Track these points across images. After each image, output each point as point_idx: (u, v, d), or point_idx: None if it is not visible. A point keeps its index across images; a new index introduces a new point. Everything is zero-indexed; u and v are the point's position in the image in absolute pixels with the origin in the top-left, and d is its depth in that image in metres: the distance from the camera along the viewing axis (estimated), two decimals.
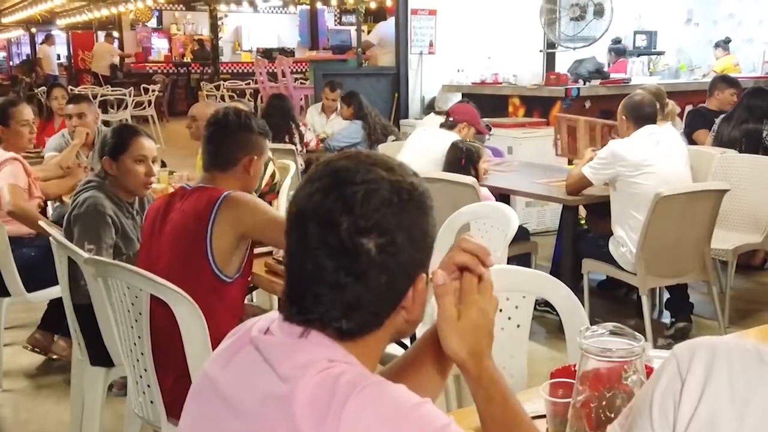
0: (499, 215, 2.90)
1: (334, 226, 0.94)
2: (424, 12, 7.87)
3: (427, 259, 1.02)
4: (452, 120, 4.55)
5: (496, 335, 2.00)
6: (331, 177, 0.97)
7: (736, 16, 9.75)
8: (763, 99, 4.93)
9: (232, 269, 2.20)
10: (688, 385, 0.77)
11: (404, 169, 1.02)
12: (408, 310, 1.01)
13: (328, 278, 0.95)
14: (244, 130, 2.32)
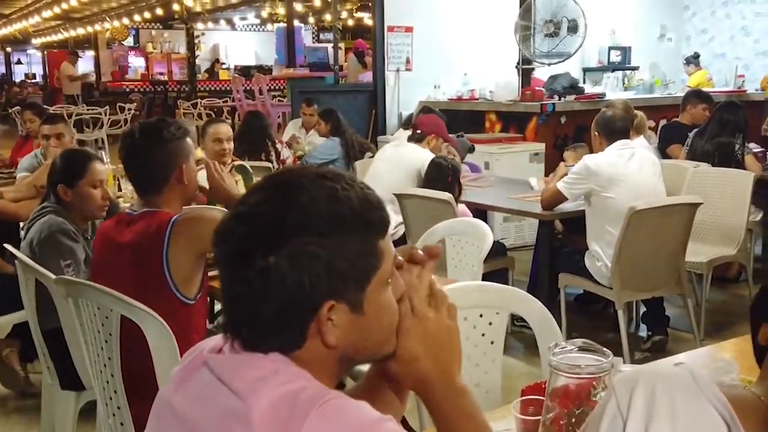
0: (474, 231, 2.90)
1: (231, 241, 0.95)
2: (400, 29, 7.91)
3: (343, 287, 0.95)
4: (420, 132, 4.55)
5: (471, 352, 2.00)
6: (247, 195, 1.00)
7: (708, 31, 9.89)
8: (735, 113, 5.00)
9: (194, 290, 2.16)
10: (630, 424, 0.76)
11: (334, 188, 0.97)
12: (325, 336, 0.95)
13: (232, 291, 0.95)
14: (158, 143, 2.18)
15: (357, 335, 0.98)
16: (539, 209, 3.92)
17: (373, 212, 0.99)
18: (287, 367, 0.94)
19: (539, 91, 6.65)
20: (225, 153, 3.89)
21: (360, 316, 0.97)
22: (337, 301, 0.95)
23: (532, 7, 6.29)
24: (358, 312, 0.97)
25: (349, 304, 0.96)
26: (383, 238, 1.00)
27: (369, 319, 0.98)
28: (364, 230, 0.97)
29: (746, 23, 9.51)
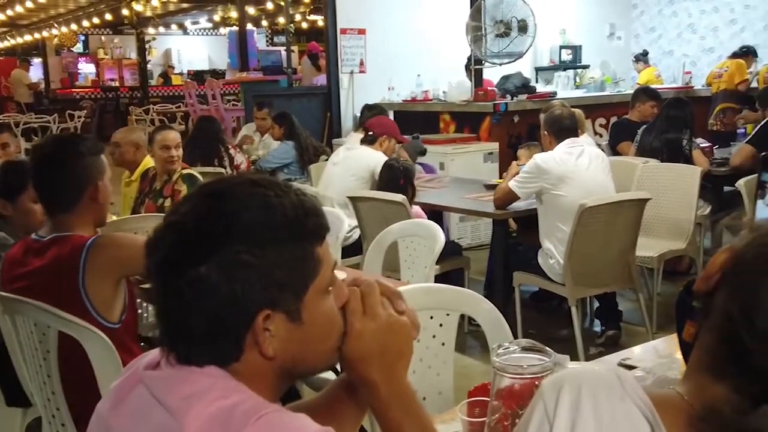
0: (426, 232, 2.90)
1: (160, 252, 0.93)
2: (353, 31, 7.90)
3: (279, 296, 0.93)
4: (372, 134, 4.55)
5: (423, 354, 2.00)
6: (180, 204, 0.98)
7: (656, 29, 10.09)
8: (682, 109, 5.09)
9: (117, 313, 2.05)
10: (557, 426, 0.76)
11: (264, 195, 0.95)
12: (262, 347, 0.93)
13: (164, 303, 0.94)
14: (73, 158, 2.05)
15: (297, 345, 0.96)
16: (493, 209, 3.94)
17: (309, 219, 0.97)
18: (223, 381, 0.92)
19: (492, 91, 6.69)
20: (173, 160, 3.82)
21: (298, 326, 0.95)
22: (273, 311, 0.93)
23: (482, 8, 6.32)
24: (297, 321, 0.95)
25: (286, 313, 0.94)
26: (321, 245, 0.99)
27: (308, 329, 0.97)
28: (299, 237, 0.95)
29: (692, 21, 9.73)
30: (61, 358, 1.96)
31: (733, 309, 0.71)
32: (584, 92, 7.95)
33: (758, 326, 0.68)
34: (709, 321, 0.75)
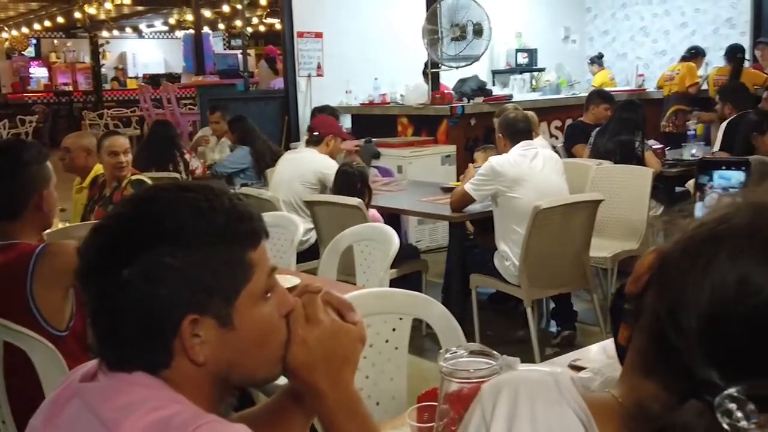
0: (380, 236, 2.89)
1: (87, 255, 0.93)
2: (310, 35, 7.87)
3: (207, 301, 0.92)
4: (318, 134, 4.53)
5: (376, 359, 1.99)
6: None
7: (609, 32, 10.25)
8: (635, 111, 5.17)
9: (65, 320, 2.01)
10: (493, 430, 0.76)
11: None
12: (190, 353, 0.92)
13: (92, 307, 0.93)
14: (19, 166, 2.02)
15: (230, 352, 0.95)
16: (449, 211, 3.96)
17: (243, 224, 0.96)
18: (159, 391, 0.90)
19: (449, 95, 6.73)
20: (122, 166, 3.75)
21: (230, 331, 0.94)
22: (201, 315, 0.92)
23: (438, 12, 6.35)
24: (228, 327, 0.94)
25: (216, 319, 0.93)
26: (255, 250, 0.97)
27: (242, 334, 0.95)
28: (230, 242, 0.94)
29: (645, 24, 9.90)
30: (6, 369, 1.91)
31: (660, 308, 0.72)
32: (540, 95, 8.04)
33: (683, 324, 0.69)
34: (640, 322, 0.76)
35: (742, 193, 0.76)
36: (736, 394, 0.65)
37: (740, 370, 0.67)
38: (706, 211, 0.76)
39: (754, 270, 0.68)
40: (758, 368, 0.67)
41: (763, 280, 0.68)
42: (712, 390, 0.66)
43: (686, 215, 0.80)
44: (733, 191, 1.45)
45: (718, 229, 0.72)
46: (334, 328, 1.03)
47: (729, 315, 0.68)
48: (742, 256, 0.69)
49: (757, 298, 0.67)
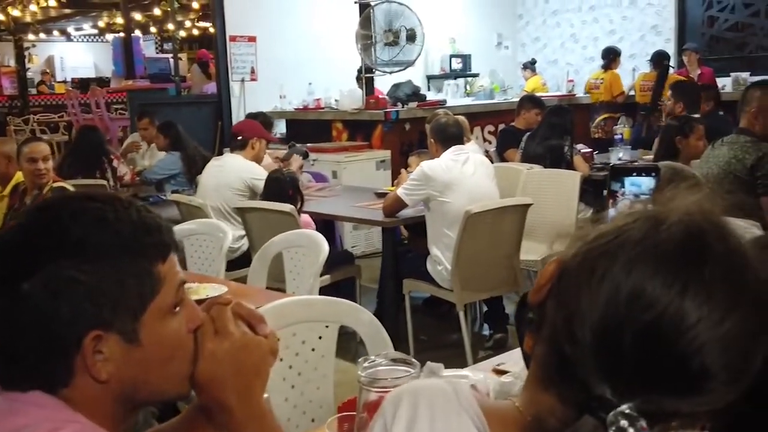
0: (310, 243, 2.86)
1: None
2: (243, 39, 7.79)
3: (112, 316, 0.89)
4: (241, 139, 4.48)
5: (302, 368, 1.96)
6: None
7: (541, 39, 10.45)
8: (563, 117, 5.27)
9: None
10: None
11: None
12: (92, 370, 0.88)
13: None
14: None
15: (136, 369, 0.92)
16: (382, 217, 3.95)
17: (151, 236, 0.93)
18: (56, 411, 0.86)
19: (383, 100, 6.74)
20: (41, 174, 3.63)
21: (136, 348, 0.91)
22: (104, 331, 0.88)
23: (371, 17, 6.36)
24: (134, 343, 0.91)
25: (120, 334, 0.90)
26: (163, 263, 0.94)
27: (148, 351, 0.92)
28: (137, 255, 0.91)
29: (575, 31, 10.13)
30: None
31: (558, 320, 0.72)
32: (473, 100, 8.13)
33: (578, 337, 0.69)
34: (542, 333, 0.75)
35: (644, 203, 0.76)
36: (628, 411, 0.65)
37: (633, 385, 0.66)
38: (608, 221, 0.76)
39: (647, 283, 0.67)
40: (651, 383, 0.67)
41: (655, 293, 0.67)
42: (606, 406, 0.66)
43: (601, 223, 0.80)
44: (644, 197, 1.48)
45: (615, 242, 0.71)
46: (244, 341, 1.00)
47: (622, 329, 0.67)
48: (636, 268, 0.68)
49: (650, 312, 0.66)
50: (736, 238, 0.71)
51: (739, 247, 0.70)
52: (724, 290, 0.67)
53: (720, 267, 0.68)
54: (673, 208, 0.72)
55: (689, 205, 0.72)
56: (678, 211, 0.71)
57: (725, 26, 9.01)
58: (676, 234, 0.69)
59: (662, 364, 0.66)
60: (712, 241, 0.69)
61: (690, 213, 0.71)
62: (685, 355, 0.66)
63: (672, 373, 0.66)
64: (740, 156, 3.29)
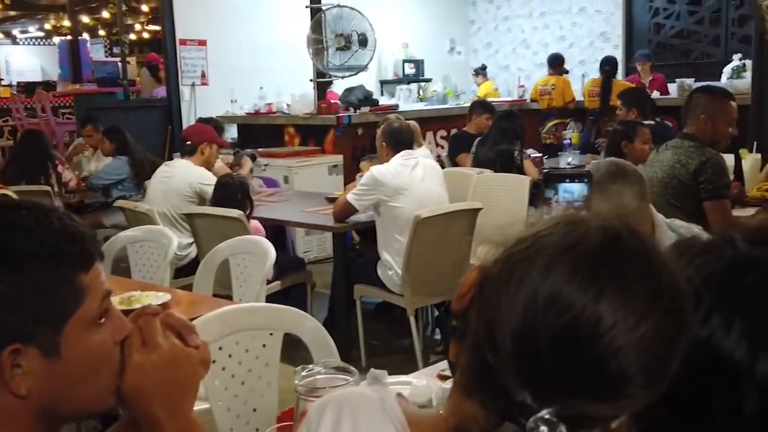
0: (256, 249, 2.83)
1: None
2: (193, 42, 7.69)
3: (30, 329, 0.85)
4: (191, 143, 4.41)
5: (246, 377, 1.93)
6: None
7: (492, 45, 10.54)
8: (513, 122, 5.33)
9: None
10: None
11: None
12: (10, 385, 0.85)
13: None
14: None
15: (57, 383, 0.88)
16: (333, 222, 3.93)
17: (74, 245, 0.90)
18: None
19: (335, 104, 6.72)
20: None
21: (57, 361, 0.87)
22: (24, 345, 0.84)
23: (323, 21, 6.34)
24: (54, 356, 0.87)
25: (40, 348, 0.86)
26: (86, 273, 0.91)
27: (71, 364, 0.89)
28: (59, 264, 0.88)
29: (525, 37, 10.24)
30: None
31: (479, 327, 0.71)
32: (425, 105, 8.16)
33: (499, 344, 0.68)
34: (466, 340, 0.75)
35: (570, 209, 0.76)
36: (547, 417, 0.64)
37: (553, 390, 0.66)
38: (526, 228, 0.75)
39: (564, 287, 0.67)
40: (570, 388, 0.66)
41: (572, 297, 0.66)
42: (526, 412, 0.65)
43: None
44: (577, 204, 1.48)
45: (534, 247, 0.71)
46: (173, 353, 0.97)
47: (540, 334, 0.67)
48: (554, 273, 0.68)
49: (566, 316, 0.66)
50: (652, 242, 0.71)
51: (655, 252, 0.70)
52: (640, 294, 0.67)
53: (636, 271, 0.68)
54: (593, 213, 0.72)
55: (608, 211, 0.72)
56: (597, 217, 0.71)
57: (671, 33, 9.21)
58: (593, 238, 0.69)
59: (580, 369, 0.66)
60: (629, 245, 0.69)
61: (608, 218, 0.71)
62: (602, 359, 0.65)
63: (590, 378, 0.66)
64: (684, 161, 3.33)
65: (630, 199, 1.98)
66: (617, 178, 1.99)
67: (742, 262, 0.72)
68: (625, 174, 2.03)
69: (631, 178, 2.03)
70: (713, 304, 0.70)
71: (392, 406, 0.76)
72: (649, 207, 2.08)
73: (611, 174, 2.00)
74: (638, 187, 2.01)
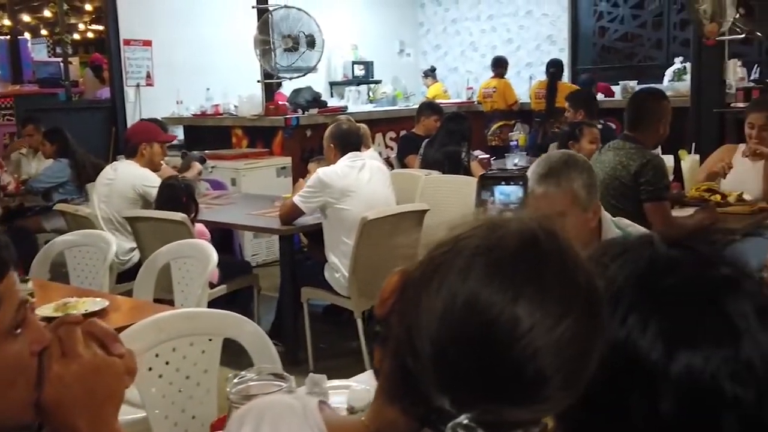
0: (198, 253, 2.78)
1: None
2: (137, 43, 7.55)
3: None
4: (132, 144, 4.32)
5: (183, 384, 1.89)
6: None
7: (441, 47, 10.61)
8: (461, 123, 5.36)
9: None
10: None
11: None
12: None
13: None
14: None
15: None
16: (279, 224, 3.89)
17: None
18: None
19: (283, 106, 6.67)
20: None
21: None
22: None
23: (270, 22, 6.28)
24: None
25: None
26: (0, 281, 0.87)
27: None
28: None
29: (474, 39, 10.33)
30: None
31: (400, 332, 0.70)
32: (374, 106, 8.16)
33: (418, 349, 0.68)
34: (388, 346, 0.74)
35: (482, 211, 0.76)
36: (466, 422, 0.64)
37: (472, 395, 0.65)
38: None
39: (482, 290, 0.66)
40: (489, 392, 0.66)
41: (490, 299, 0.66)
42: (445, 418, 0.65)
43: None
44: (513, 206, 1.50)
45: (453, 249, 0.70)
46: (95, 363, 0.94)
47: (458, 338, 0.66)
48: (472, 275, 0.67)
49: (484, 319, 0.65)
50: (569, 243, 0.71)
51: (572, 253, 0.70)
52: (557, 295, 0.67)
53: (553, 273, 0.68)
54: (513, 216, 0.72)
55: (527, 213, 0.72)
56: (516, 219, 0.71)
57: (615, 36, 9.40)
58: (511, 240, 0.69)
59: (498, 373, 0.65)
60: (546, 247, 0.69)
61: (526, 220, 0.71)
62: (520, 362, 0.65)
63: (508, 381, 0.66)
64: (625, 162, 3.37)
65: (580, 188, 2.06)
66: (569, 166, 2.07)
67: (660, 264, 0.73)
68: (576, 163, 2.11)
69: (582, 167, 2.11)
70: (631, 304, 0.70)
71: (313, 414, 0.75)
72: (597, 199, 2.14)
73: (564, 162, 2.07)
74: (588, 178, 2.09)
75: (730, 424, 0.66)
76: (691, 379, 0.66)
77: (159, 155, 4.29)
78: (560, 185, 2.03)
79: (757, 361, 0.67)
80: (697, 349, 0.67)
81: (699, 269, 0.72)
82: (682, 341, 0.67)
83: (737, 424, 0.66)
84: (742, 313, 0.68)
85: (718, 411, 0.67)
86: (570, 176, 2.04)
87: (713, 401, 0.66)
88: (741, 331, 0.67)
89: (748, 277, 0.71)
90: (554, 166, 2.07)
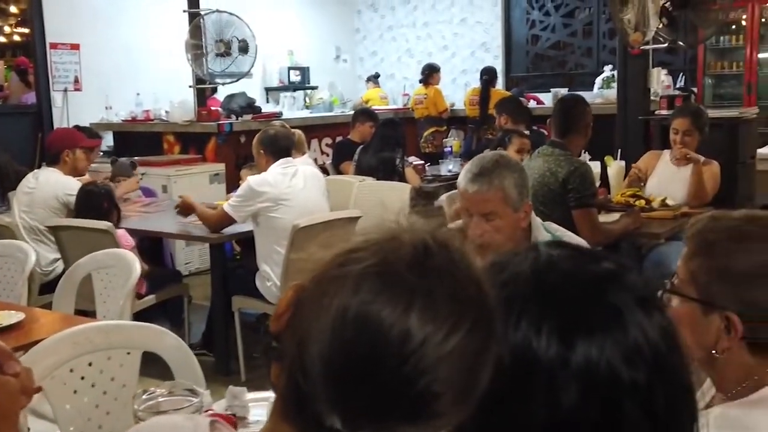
0: (120, 263, 2.70)
1: None
2: (65, 46, 7.33)
3: None
4: (53, 151, 4.20)
5: (100, 399, 1.82)
6: None
7: (378, 53, 10.63)
8: (395, 129, 5.38)
9: None
10: None
11: None
12: None
13: None
14: None
15: None
16: (209, 233, 3.82)
17: None
18: None
19: (216, 111, 6.57)
20: None
21: None
22: None
23: (202, 26, 6.18)
24: None
25: None
26: None
27: None
28: None
29: (410, 46, 10.38)
30: None
31: (291, 348, 0.68)
32: (310, 112, 8.12)
33: (308, 366, 0.66)
34: (284, 362, 0.71)
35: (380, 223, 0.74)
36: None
37: (363, 413, 0.64)
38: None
39: (373, 303, 0.65)
40: (380, 410, 0.64)
41: (381, 313, 0.64)
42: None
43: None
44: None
45: (346, 264, 0.69)
46: None
47: (347, 354, 0.64)
48: (363, 288, 0.65)
49: (375, 334, 0.64)
50: (462, 255, 0.70)
51: (464, 265, 0.70)
52: (447, 309, 0.66)
53: (443, 286, 0.67)
54: (408, 227, 0.71)
55: (421, 224, 0.71)
56: (409, 231, 0.70)
57: (547, 44, 9.57)
58: (403, 254, 0.68)
59: (388, 389, 0.64)
60: (437, 260, 0.68)
61: (419, 232, 0.70)
62: (411, 378, 0.64)
63: (400, 398, 0.64)
64: (554, 169, 3.41)
65: (511, 187, 2.12)
66: (501, 166, 2.14)
67: (542, 264, 0.74)
68: (508, 163, 2.18)
69: (514, 168, 2.18)
70: (522, 307, 0.70)
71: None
72: (528, 200, 2.18)
73: (495, 162, 2.14)
74: (519, 178, 2.16)
75: (632, 410, 0.67)
76: (589, 368, 0.67)
77: (82, 161, 4.17)
78: (492, 184, 2.08)
79: (644, 346, 0.69)
80: (591, 336, 0.68)
81: (579, 265, 0.74)
82: (575, 332, 0.68)
83: (639, 410, 0.67)
84: (625, 302, 0.70)
85: (619, 399, 0.67)
86: (501, 175, 2.10)
87: (613, 389, 0.67)
88: (626, 317, 0.69)
89: (628, 272, 0.74)
90: (486, 165, 2.13)
